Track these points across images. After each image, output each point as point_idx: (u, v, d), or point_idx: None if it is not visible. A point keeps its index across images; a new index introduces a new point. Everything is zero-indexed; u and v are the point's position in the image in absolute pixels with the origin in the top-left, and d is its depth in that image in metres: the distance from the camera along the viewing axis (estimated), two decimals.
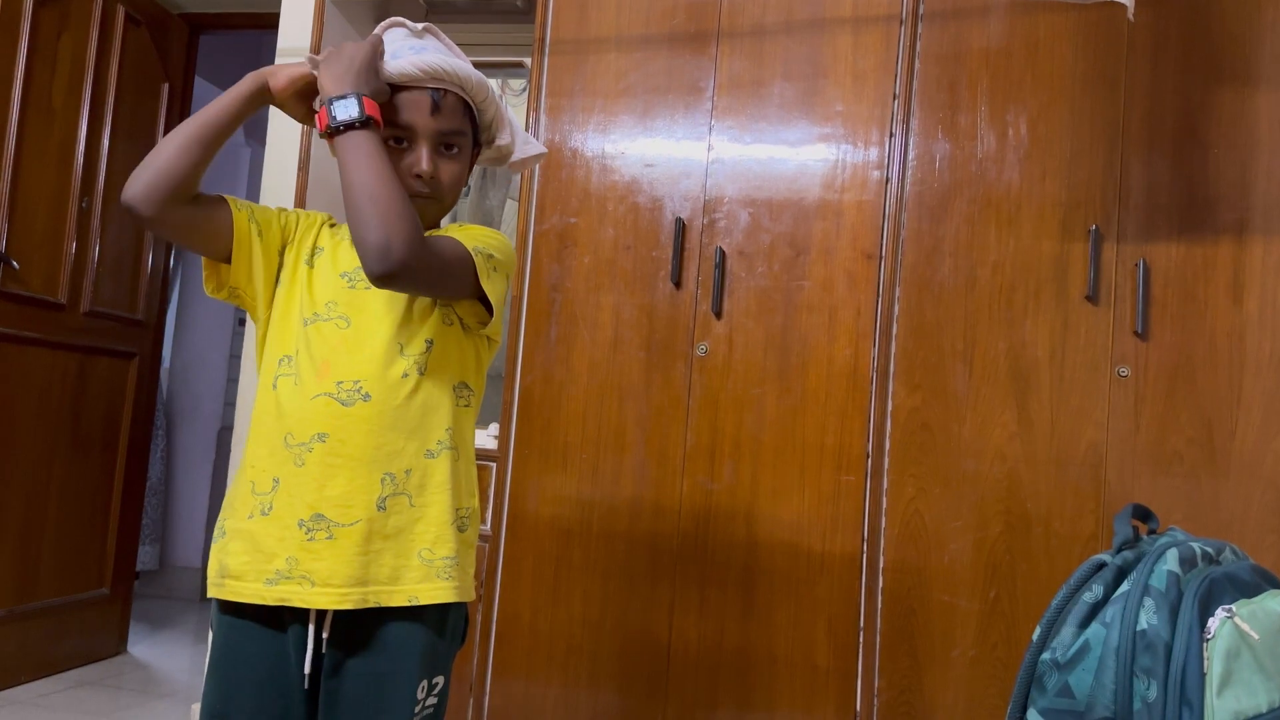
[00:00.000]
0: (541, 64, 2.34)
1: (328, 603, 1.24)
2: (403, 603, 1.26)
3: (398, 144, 1.33)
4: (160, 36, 3.41)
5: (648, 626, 2.16)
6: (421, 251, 1.20)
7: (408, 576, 1.27)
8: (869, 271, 2.13)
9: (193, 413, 4.56)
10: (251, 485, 1.29)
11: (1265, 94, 2.02)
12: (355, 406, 1.26)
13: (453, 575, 1.29)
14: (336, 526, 1.25)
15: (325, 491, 1.25)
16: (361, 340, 1.29)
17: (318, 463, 1.26)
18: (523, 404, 2.27)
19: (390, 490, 1.27)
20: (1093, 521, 2.00)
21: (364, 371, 1.28)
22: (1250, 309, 1.98)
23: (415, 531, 1.28)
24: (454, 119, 1.35)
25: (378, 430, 1.27)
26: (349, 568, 1.24)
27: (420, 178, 1.32)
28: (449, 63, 1.33)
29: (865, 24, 2.17)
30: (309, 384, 1.28)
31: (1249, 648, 1.06)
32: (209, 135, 1.28)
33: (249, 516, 1.28)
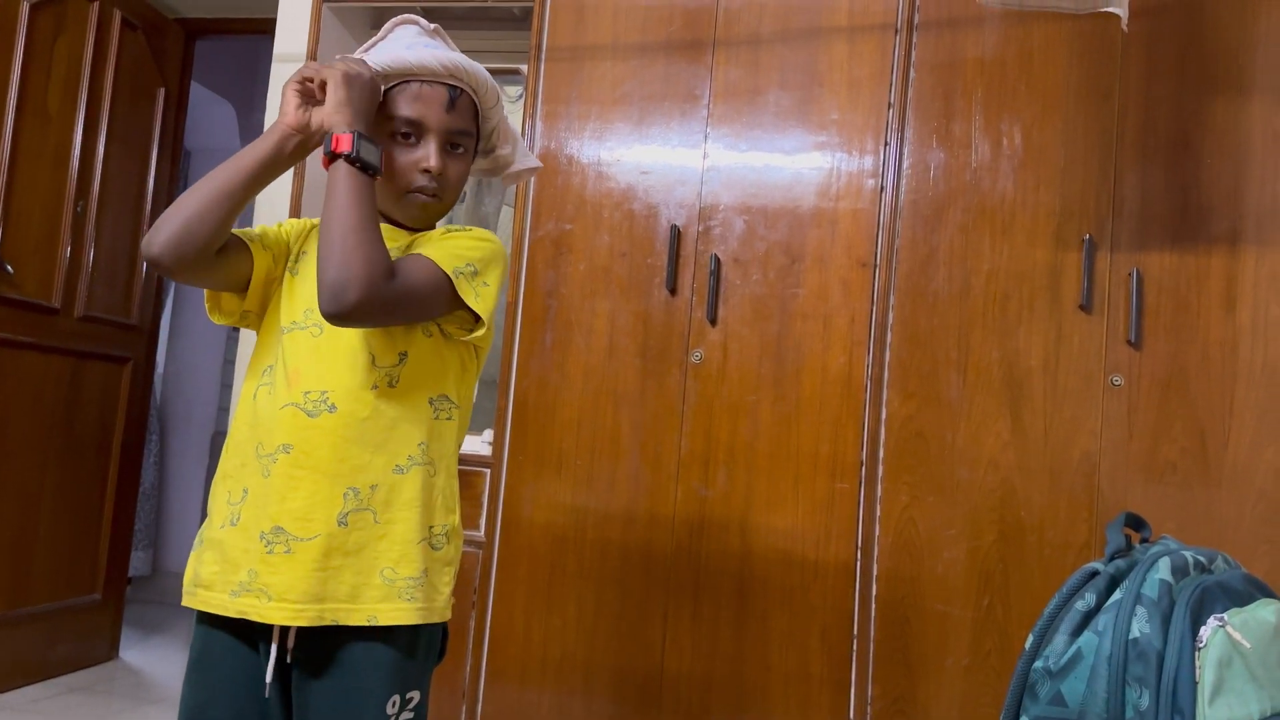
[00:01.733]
0: (538, 71, 2.35)
1: (282, 618, 1.21)
2: (361, 622, 1.22)
3: (405, 138, 1.31)
4: (156, 41, 3.42)
5: (642, 634, 2.16)
6: (380, 293, 1.16)
7: (368, 595, 1.23)
8: (864, 279, 2.13)
9: (186, 418, 4.55)
10: (228, 495, 1.27)
11: (1258, 105, 2.03)
12: (320, 417, 1.23)
13: (415, 596, 1.24)
14: (295, 540, 1.22)
15: (286, 504, 1.22)
16: (332, 349, 1.26)
17: (281, 474, 1.23)
18: (517, 410, 2.27)
19: (353, 505, 1.23)
20: (1086, 530, 2.00)
21: (331, 382, 1.25)
22: (1243, 319, 1.99)
23: (378, 549, 1.24)
24: (465, 119, 1.34)
25: (342, 443, 1.23)
26: (305, 583, 1.21)
27: (428, 173, 1.30)
28: (468, 63, 1.33)
29: (860, 33, 2.18)
30: (280, 393, 1.26)
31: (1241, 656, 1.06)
32: (237, 189, 1.24)
33: (221, 526, 1.26)
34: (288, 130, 1.28)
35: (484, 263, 1.30)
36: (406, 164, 1.31)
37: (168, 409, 4.56)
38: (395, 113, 1.30)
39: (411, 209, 1.34)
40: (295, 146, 1.29)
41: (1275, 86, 2.02)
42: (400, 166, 1.31)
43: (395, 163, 1.31)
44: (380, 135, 1.30)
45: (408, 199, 1.32)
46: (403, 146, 1.31)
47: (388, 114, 1.31)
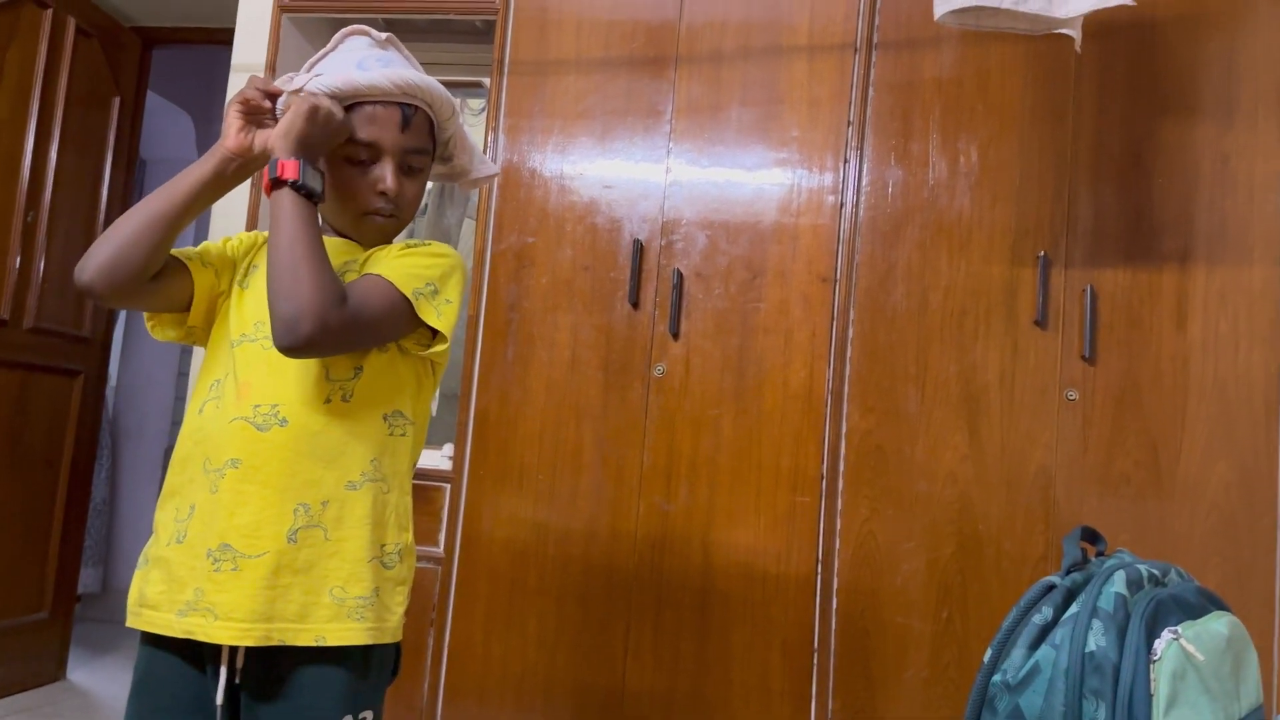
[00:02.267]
0: (500, 84, 2.34)
1: (229, 638, 1.17)
2: (309, 642, 1.19)
3: (360, 161, 1.28)
4: (112, 49, 3.37)
5: (603, 650, 2.15)
6: (334, 322, 1.15)
7: (316, 615, 1.19)
8: (824, 294, 2.15)
9: (139, 432, 4.47)
10: (174, 511, 1.24)
11: (1207, 126, 2.08)
12: (271, 432, 1.20)
13: (365, 616, 1.21)
14: (242, 558, 1.18)
15: (234, 520, 1.19)
16: (284, 362, 1.21)
17: (230, 490, 1.19)
18: (478, 424, 2.25)
19: (303, 522, 1.20)
20: (1042, 542, 2.03)
21: (283, 395, 1.21)
22: (1194, 335, 2.03)
23: (328, 567, 1.20)
24: (420, 137, 1.32)
25: (293, 458, 1.20)
26: (252, 602, 1.17)
27: (384, 195, 1.28)
28: (421, 79, 1.30)
29: (821, 52, 2.21)
30: (229, 407, 1.22)
31: (1194, 669, 1.08)
32: (173, 214, 1.22)
33: (168, 543, 1.23)
34: (228, 155, 1.26)
35: (443, 279, 1.28)
36: (362, 186, 1.29)
37: (120, 423, 4.48)
38: (350, 135, 1.28)
39: (369, 231, 1.32)
40: (236, 169, 1.27)
41: (1222, 109, 2.08)
42: (356, 189, 1.29)
43: (351, 185, 1.29)
44: (335, 158, 1.29)
45: (365, 220, 1.31)
46: (358, 168, 1.29)
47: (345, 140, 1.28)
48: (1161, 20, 2.11)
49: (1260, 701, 1.20)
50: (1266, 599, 1.96)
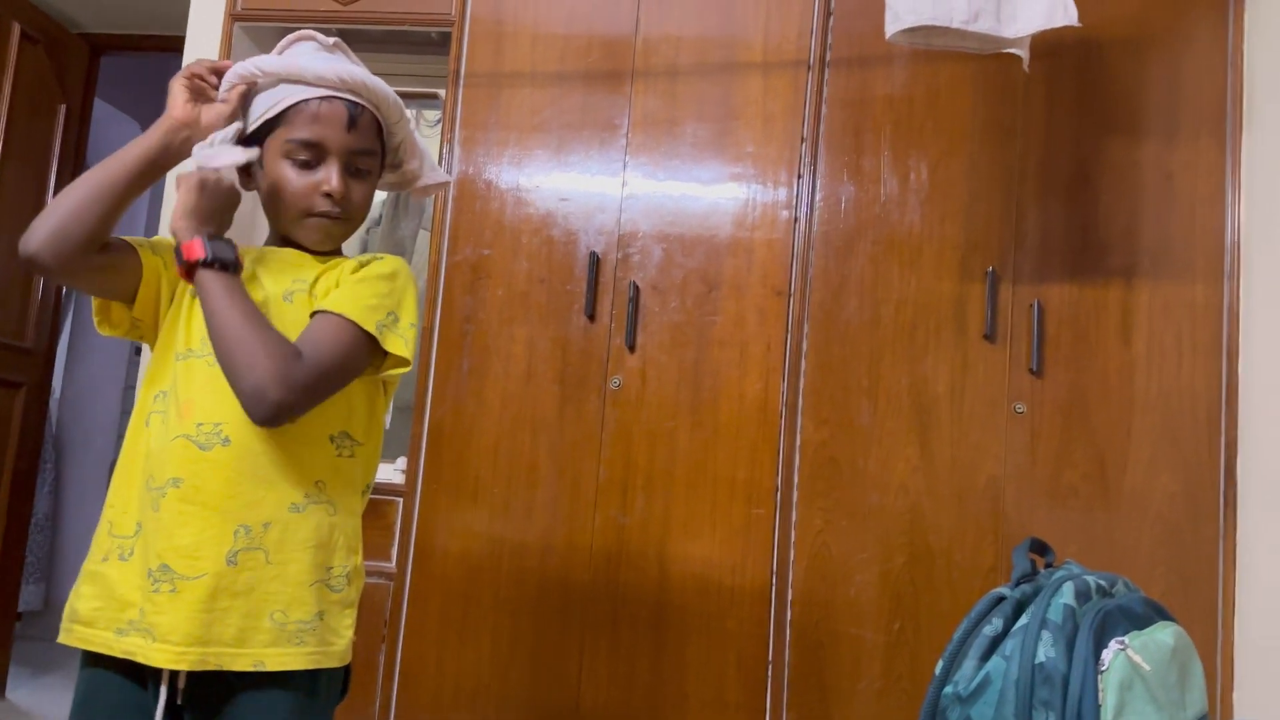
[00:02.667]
0: (456, 96, 2.34)
1: (165, 660, 1.14)
2: (247, 667, 1.16)
3: (304, 161, 1.25)
4: (58, 56, 3.30)
5: (558, 665, 2.14)
6: (299, 380, 1.14)
7: (255, 639, 1.16)
8: (778, 308, 2.17)
9: (84, 445, 4.38)
10: (110, 526, 1.21)
11: (1152, 145, 2.13)
12: (213, 451, 1.17)
13: (307, 640, 1.18)
14: (181, 579, 1.15)
15: (174, 540, 1.15)
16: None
17: (170, 509, 1.16)
18: (432, 437, 2.24)
19: (244, 544, 1.16)
20: (992, 554, 2.06)
21: (226, 414, 1.17)
22: (1139, 349, 2.07)
23: (269, 591, 1.17)
24: (368, 138, 1.29)
25: (235, 478, 1.17)
26: (189, 625, 1.14)
27: (330, 196, 1.25)
28: (369, 78, 1.28)
29: (775, 69, 2.23)
30: (172, 424, 1.19)
31: (1141, 679, 1.10)
32: (120, 184, 1.20)
33: (104, 559, 1.20)
34: (175, 124, 1.25)
35: (399, 304, 1.26)
36: (306, 187, 1.26)
37: (64, 435, 4.39)
38: (293, 134, 1.25)
39: (314, 233, 1.29)
40: (182, 142, 1.25)
41: (1165, 128, 2.13)
42: (299, 190, 1.26)
43: (293, 186, 1.26)
44: (277, 157, 1.26)
45: (308, 223, 1.28)
46: (301, 169, 1.26)
47: (286, 135, 1.26)
48: (1107, 41, 2.16)
49: (1205, 710, 1.23)
50: (1210, 609, 2.00)
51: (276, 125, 1.27)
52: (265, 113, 1.27)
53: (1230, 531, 2.01)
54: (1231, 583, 2.00)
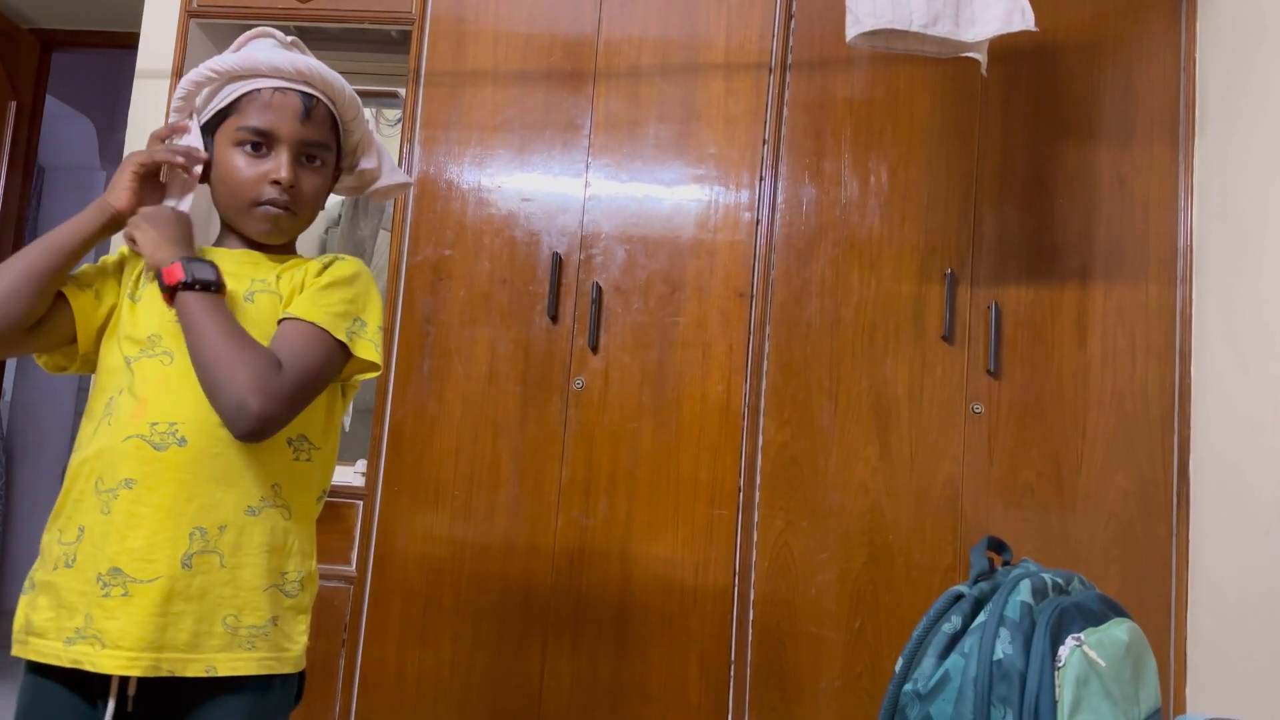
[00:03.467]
0: (416, 95, 2.32)
1: (115, 667, 1.11)
2: (198, 673, 1.13)
3: (255, 150, 1.24)
4: (8, 51, 3.24)
5: (520, 667, 2.13)
6: (279, 391, 1.14)
7: (208, 644, 1.14)
8: (741, 309, 2.18)
9: (37, 449, 4.30)
10: (59, 534, 1.18)
11: (1106, 150, 2.16)
12: (168, 451, 1.15)
13: (258, 645, 1.17)
14: (133, 583, 1.12)
15: (126, 543, 1.13)
16: (183, 380, 1.17)
17: (123, 511, 1.14)
18: (393, 439, 2.22)
19: (199, 547, 1.14)
20: (950, 553, 2.08)
21: (182, 413, 1.16)
22: (1093, 350, 2.11)
23: (222, 595, 1.15)
24: (321, 131, 1.28)
25: (191, 479, 1.15)
26: (142, 629, 1.11)
27: (278, 184, 1.23)
28: (325, 70, 1.27)
29: (737, 71, 2.24)
30: (123, 424, 1.16)
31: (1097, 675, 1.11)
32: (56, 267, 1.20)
33: (54, 568, 1.16)
34: (115, 214, 1.25)
35: (364, 308, 1.26)
36: (255, 176, 1.24)
37: (16, 440, 4.30)
38: (245, 122, 1.24)
39: (261, 223, 1.27)
40: (114, 226, 1.26)
41: (1119, 133, 2.16)
42: (248, 178, 1.24)
43: (242, 174, 1.25)
44: (227, 144, 1.26)
45: (256, 211, 1.26)
46: (251, 158, 1.25)
47: (237, 123, 1.25)
48: (1063, 46, 2.19)
49: (1159, 705, 1.25)
50: (1163, 605, 2.03)
51: (229, 114, 1.26)
52: (218, 103, 1.27)
53: (1183, 529, 2.05)
54: (1184, 579, 2.04)
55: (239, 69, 1.25)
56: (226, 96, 1.26)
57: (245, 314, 1.23)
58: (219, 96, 1.27)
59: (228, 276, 1.24)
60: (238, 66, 1.25)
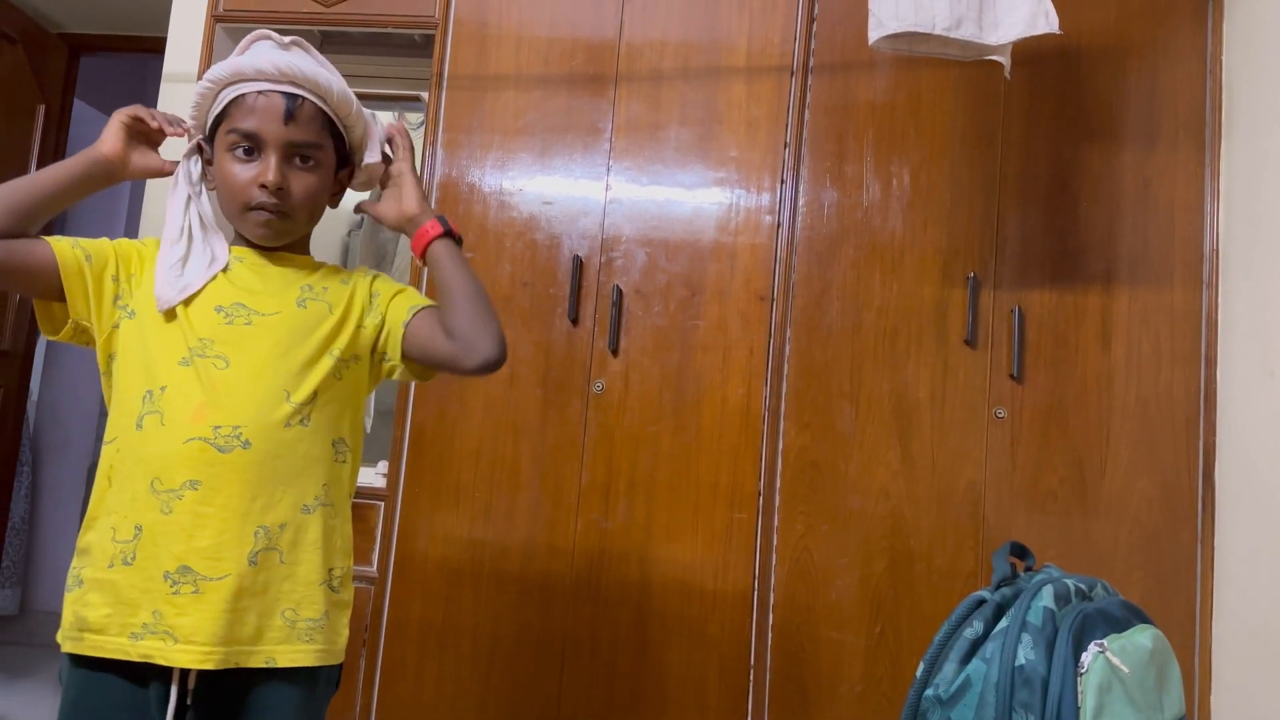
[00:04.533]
0: (439, 99, 2.33)
1: (189, 661, 1.17)
2: (259, 664, 1.20)
3: (246, 154, 1.26)
4: (37, 56, 3.28)
5: (539, 670, 2.13)
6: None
7: (269, 637, 1.21)
8: (761, 312, 2.17)
9: (62, 448, 4.34)
10: (112, 531, 1.20)
11: (1130, 152, 2.15)
12: (233, 454, 1.19)
13: (315, 639, 1.23)
14: (204, 580, 1.17)
15: (194, 543, 1.18)
16: (244, 382, 1.22)
17: (187, 511, 1.18)
18: (414, 441, 2.23)
19: (263, 545, 1.20)
20: (972, 558, 2.07)
21: (245, 417, 1.21)
22: (1117, 354, 2.09)
23: (282, 590, 1.22)
24: (310, 130, 1.28)
25: (255, 480, 1.20)
26: (214, 625, 1.17)
27: (265, 188, 1.25)
28: (310, 67, 1.28)
29: (758, 74, 2.23)
30: (181, 426, 1.20)
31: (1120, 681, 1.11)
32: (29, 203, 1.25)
33: (109, 565, 1.19)
34: (100, 159, 1.30)
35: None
36: (245, 180, 1.26)
37: (42, 439, 4.34)
38: (232, 125, 1.26)
39: (256, 227, 1.29)
40: (104, 175, 1.30)
41: (1144, 136, 2.15)
42: (239, 182, 1.27)
43: (234, 179, 1.27)
44: (222, 149, 1.28)
45: (249, 216, 1.28)
46: (242, 162, 1.27)
47: (227, 128, 1.27)
48: (1087, 49, 2.18)
49: (1182, 712, 1.24)
50: (1188, 612, 2.01)
51: (221, 120, 1.29)
52: (214, 110, 1.31)
53: (1208, 536, 2.03)
54: (1209, 586, 2.02)
55: (227, 76, 1.27)
56: (219, 104, 1.29)
57: (294, 317, 1.28)
58: (214, 104, 1.30)
59: (276, 288, 1.30)
60: (225, 73, 1.27)
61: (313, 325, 1.29)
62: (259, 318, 1.27)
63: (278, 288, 1.30)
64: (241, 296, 1.28)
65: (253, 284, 1.30)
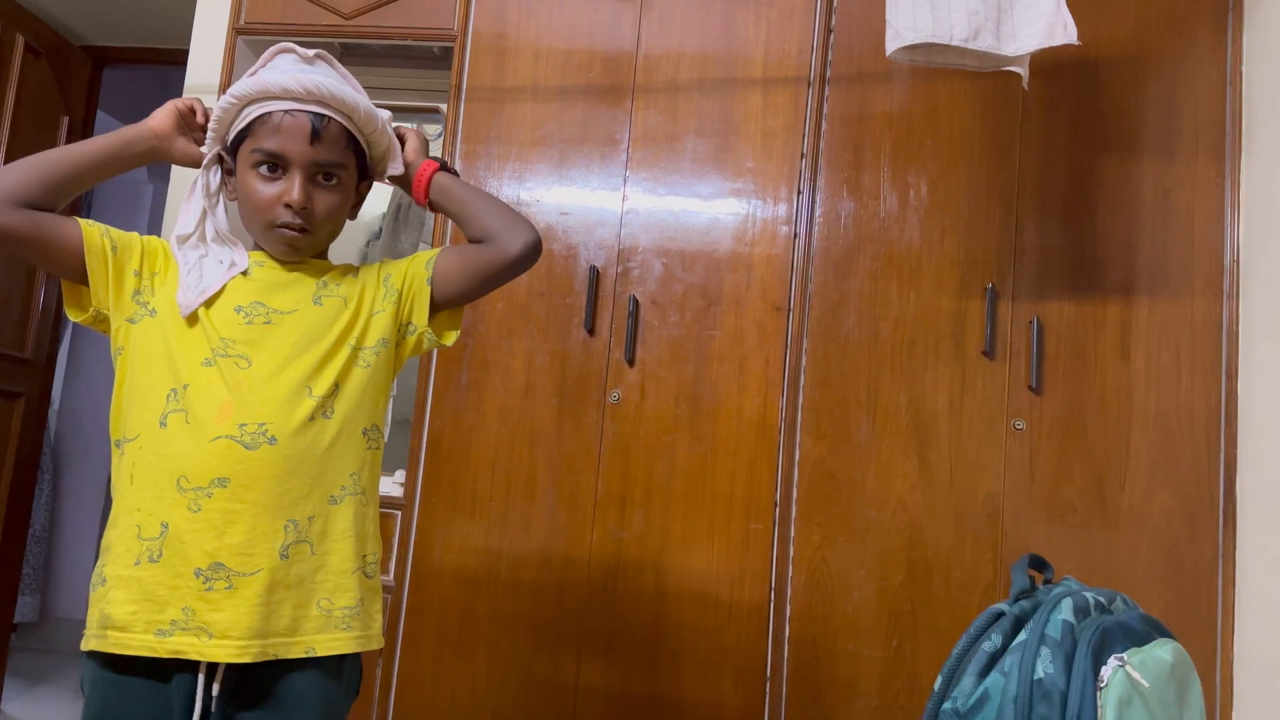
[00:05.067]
0: (457, 111, 2.35)
1: (226, 655, 1.18)
2: (300, 654, 1.22)
3: (270, 171, 1.28)
4: (61, 68, 3.32)
5: (554, 679, 2.13)
6: None
7: (306, 627, 1.23)
8: (778, 323, 2.17)
9: (82, 456, 4.37)
10: (137, 529, 1.22)
11: (1148, 162, 2.14)
12: (260, 450, 1.22)
13: (352, 626, 1.26)
14: (237, 576, 1.19)
15: (225, 539, 1.20)
16: (266, 380, 1.25)
17: (217, 509, 1.20)
18: (431, 450, 2.24)
19: (293, 537, 1.22)
20: (990, 571, 2.05)
21: (269, 414, 1.23)
22: (1137, 366, 2.08)
23: (316, 580, 1.24)
24: (334, 150, 1.30)
25: (283, 475, 1.22)
26: (249, 619, 1.19)
27: (290, 208, 1.27)
28: (337, 87, 1.29)
29: (775, 85, 2.24)
30: (208, 425, 1.22)
31: (1140, 695, 1.10)
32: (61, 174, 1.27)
33: (135, 563, 1.21)
34: (148, 133, 1.33)
35: None
36: (270, 198, 1.28)
37: (62, 447, 4.38)
38: (258, 144, 1.28)
39: (279, 243, 1.31)
40: (147, 150, 1.33)
41: (1163, 146, 2.14)
42: (264, 200, 1.28)
43: (258, 196, 1.29)
44: (245, 166, 1.30)
45: (273, 233, 1.30)
46: (266, 180, 1.28)
47: (251, 146, 1.29)
48: (1106, 59, 2.17)
49: None
50: (1209, 626, 2.00)
51: (245, 136, 1.30)
52: (238, 125, 1.31)
53: (1229, 549, 2.01)
54: (1231, 600, 2.00)
55: (253, 93, 1.28)
56: (244, 119, 1.30)
57: (312, 314, 1.30)
58: (239, 119, 1.31)
59: (292, 289, 1.32)
60: (252, 90, 1.28)
61: (330, 320, 1.31)
62: (278, 315, 1.29)
63: (294, 286, 1.32)
64: (260, 296, 1.30)
65: (270, 284, 1.32)
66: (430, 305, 1.36)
